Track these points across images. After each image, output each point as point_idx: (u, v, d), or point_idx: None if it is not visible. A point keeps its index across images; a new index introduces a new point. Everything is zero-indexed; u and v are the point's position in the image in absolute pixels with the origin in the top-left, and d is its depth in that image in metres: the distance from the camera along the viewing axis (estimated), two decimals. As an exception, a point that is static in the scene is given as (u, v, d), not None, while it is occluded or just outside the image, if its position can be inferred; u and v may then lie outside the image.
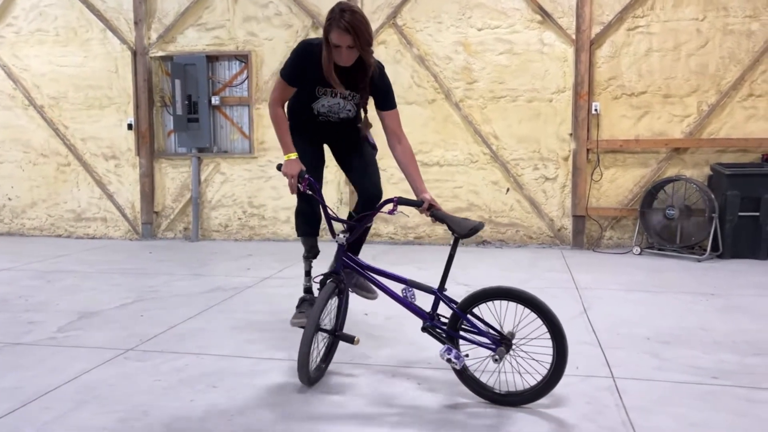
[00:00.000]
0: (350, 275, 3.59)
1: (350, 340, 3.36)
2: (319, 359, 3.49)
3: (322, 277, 3.49)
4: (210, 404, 3.15)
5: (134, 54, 8.52)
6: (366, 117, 3.72)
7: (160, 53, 8.53)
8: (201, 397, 3.23)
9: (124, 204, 8.78)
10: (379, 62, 3.48)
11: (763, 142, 7.15)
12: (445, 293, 3.23)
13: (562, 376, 2.99)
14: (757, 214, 6.77)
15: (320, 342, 3.50)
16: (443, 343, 3.15)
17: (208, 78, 8.39)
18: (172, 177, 8.65)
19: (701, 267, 6.48)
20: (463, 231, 3.08)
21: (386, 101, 3.49)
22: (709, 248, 6.85)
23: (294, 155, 3.43)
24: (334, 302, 3.49)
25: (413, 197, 3.39)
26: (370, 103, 3.62)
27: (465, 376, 3.16)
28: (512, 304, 3.10)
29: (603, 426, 2.86)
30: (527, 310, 3.05)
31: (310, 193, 3.46)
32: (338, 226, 3.53)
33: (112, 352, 3.92)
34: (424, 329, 3.25)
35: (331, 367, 3.62)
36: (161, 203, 8.72)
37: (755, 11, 7.13)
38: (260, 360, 3.78)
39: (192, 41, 8.45)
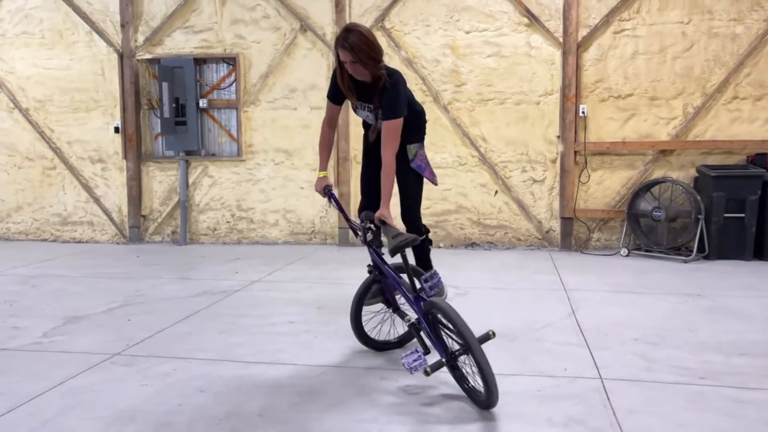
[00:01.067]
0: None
1: (402, 315, 3.63)
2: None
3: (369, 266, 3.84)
4: (197, 409, 3.13)
5: (121, 57, 8.47)
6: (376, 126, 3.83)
7: (147, 56, 8.48)
8: (188, 402, 3.21)
9: (111, 208, 8.72)
10: (395, 75, 3.55)
11: (748, 144, 7.22)
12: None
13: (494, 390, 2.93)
14: (743, 215, 6.83)
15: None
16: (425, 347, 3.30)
17: (195, 81, 8.36)
18: (160, 180, 8.60)
19: (688, 268, 6.53)
20: (389, 247, 3.23)
21: (384, 112, 3.52)
22: (695, 249, 6.91)
23: (322, 173, 3.89)
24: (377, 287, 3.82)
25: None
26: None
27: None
28: None
29: (590, 427, 2.87)
30: None
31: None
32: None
33: (99, 357, 3.89)
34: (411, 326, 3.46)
35: (320, 370, 3.61)
36: (149, 207, 8.67)
37: (740, 14, 7.21)
38: (248, 364, 3.76)
39: (179, 44, 8.41)
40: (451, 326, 3.08)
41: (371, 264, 3.83)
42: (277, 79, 8.25)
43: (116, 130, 8.53)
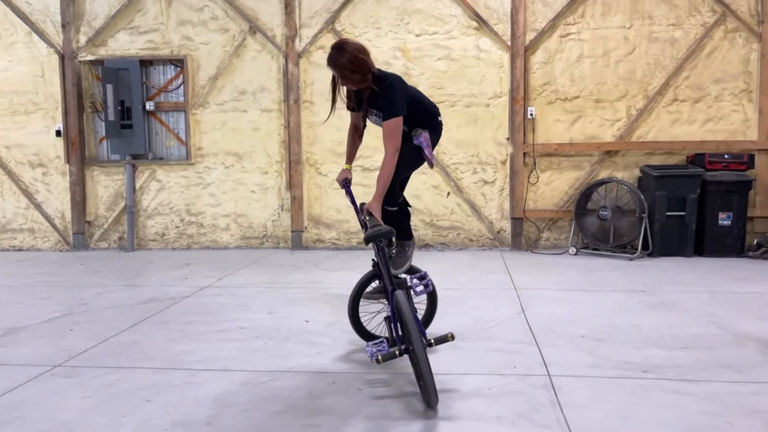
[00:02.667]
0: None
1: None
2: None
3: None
4: (143, 419, 3.04)
5: (62, 58, 8.20)
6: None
7: (90, 57, 8.24)
8: (133, 413, 3.12)
9: (53, 214, 8.43)
10: (389, 79, 3.63)
11: (687, 145, 7.48)
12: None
13: None
14: (683, 213, 7.08)
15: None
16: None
17: (141, 83, 8.16)
18: (105, 185, 8.36)
19: (633, 265, 6.72)
20: (365, 237, 3.33)
21: (383, 112, 3.64)
22: (639, 247, 7.12)
23: (345, 165, 4.12)
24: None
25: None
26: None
27: None
28: None
29: (538, 424, 2.91)
30: None
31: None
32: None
33: (39, 369, 3.74)
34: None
35: (270, 375, 3.57)
36: (94, 212, 8.41)
37: (678, 20, 7.47)
38: (197, 371, 3.68)
39: (124, 45, 8.20)
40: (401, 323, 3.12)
41: (374, 258, 3.87)
42: (227, 81, 8.13)
43: (58, 133, 8.26)
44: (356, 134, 4.20)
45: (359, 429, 2.90)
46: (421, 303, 3.93)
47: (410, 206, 4.13)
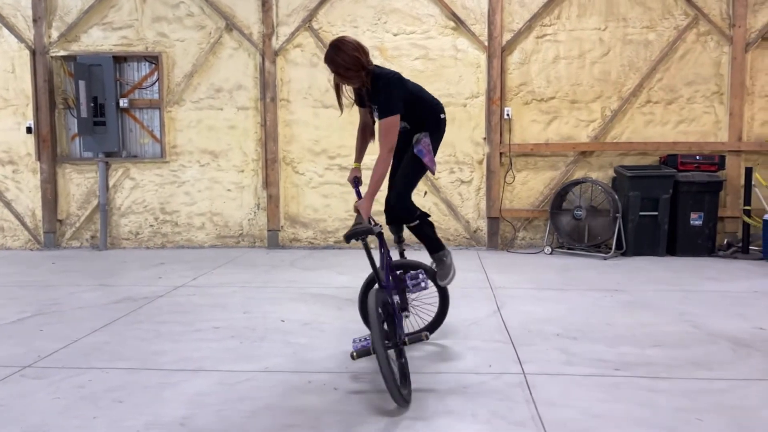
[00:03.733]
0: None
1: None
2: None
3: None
4: (114, 421, 2.99)
5: (33, 53, 8.04)
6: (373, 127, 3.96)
7: (62, 53, 8.09)
8: (105, 414, 3.07)
9: (23, 212, 8.26)
10: (385, 77, 3.62)
11: (660, 146, 7.60)
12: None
13: None
14: (656, 213, 7.18)
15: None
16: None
17: (115, 79, 8.04)
18: (78, 183, 8.21)
19: (607, 264, 6.80)
20: (344, 235, 3.34)
21: (380, 111, 3.61)
22: (613, 246, 7.21)
23: (355, 164, 4.00)
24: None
25: None
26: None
27: None
28: None
29: (513, 421, 2.93)
30: None
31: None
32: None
33: (7, 370, 3.66)
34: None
35: (245, 375, 3.54)
36: (65, 211, 8.26)
37: (652, 22, 7.58)
38: (170, 372, 3.64)
39: (97, 41, 8.06)
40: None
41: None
42: (202, 78, 8.05)
43: (29, 130, 8.09)
44: (366, 131, 4.10)
45: (335, 428, 2.89)
46: (426, 297, 3.94)
47: (429, 216, 4.09)
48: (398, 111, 3.58)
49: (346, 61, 3.53)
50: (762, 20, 7.44)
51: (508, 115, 7.71)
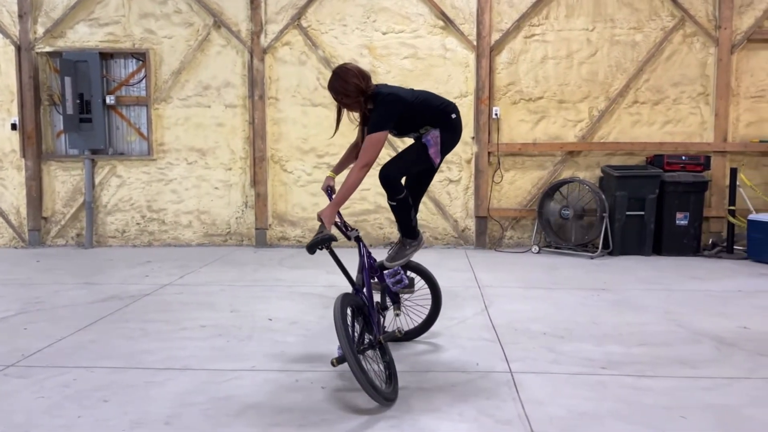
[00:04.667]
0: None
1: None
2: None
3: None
4: (99, 420, 2.97)
5: (18, 49, 7.95)
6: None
7: (48, 49, 8.01)
8: (89, 413, 3.04)
9: (7, 209, 8.17)
10: (380, 96, 3.65)
11: (647, 146, 7.65)
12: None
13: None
14: (642, 213, 7.23)
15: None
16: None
17: (102, 76, 7.97)
18: (63, 180, 8.14)
19: (594, 264, 6.85)
20: (306, 246, 3.28)
21: (369, 127, 3.62)
22: (600, 246, 7.26)
23: (330, 173, 4.06)
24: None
25: None
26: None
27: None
28: None
29: (500, 420, 2.94)
30: None
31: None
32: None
33: (-10, 370, 3.62)
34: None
35: (232, 374, 3.52)
36: (50, 208, 8.18)
37: (639, 23, 7.63)
38: (157, 371, 3.61)
39: (83, 37, 7.99)
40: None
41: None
42: (190, 75, 8.00)
43: (13, 126, 8.00)
44: (356, 150, 4.08)
45: (322, 427, 2.89)
46: (419, 298, 3.95)
47: (412, 204, 4.02)
48: (386, 128, 3.58)
49: (345, 88, 3.61)
50: (747, 22, 7.51)
51: (496, 114, 7.73)
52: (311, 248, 3.21)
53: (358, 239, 3.69)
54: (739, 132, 7.66)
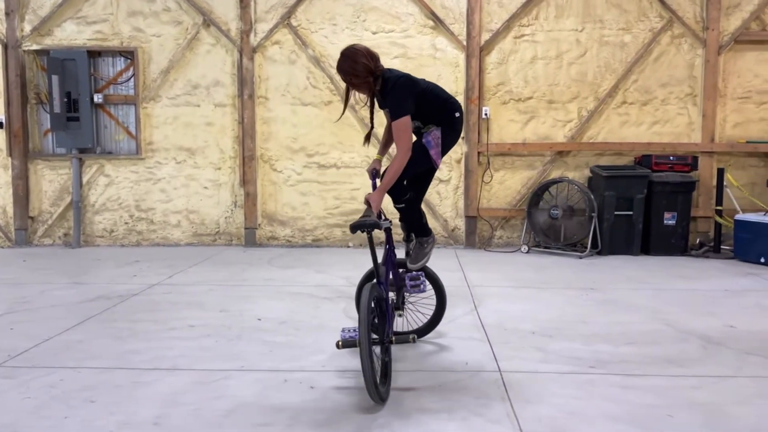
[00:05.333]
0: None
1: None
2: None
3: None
4: (86, 420, 2.94)
5: (5, 47, 7.88)
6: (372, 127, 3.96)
7: (35, 47, 7.94)
8: (76, 414, 3.02)
9: (-6, 209, 8.10)
10: (392, 79, 3.65)
11: (636, 146, 7.70)
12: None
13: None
14: (631, 213, 7.28)
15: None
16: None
17: (89, 74, 7.91)
18: (50, 179, 8.07)
19: (582, 263, 6.88)
20: (352, 225, 3.36)
21: (391, 114, 3.65)
22: (589, 245, 7.29)
23: (377, 156, 4.01)
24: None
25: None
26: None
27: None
28: None
29: (489, 419, 2.95)
30: None
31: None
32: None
33: (-25, 370, 3.58)
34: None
35: (221, 374, 3.51)
36: (37, 207, 8.11)
37: (627, 24, 7.67)
38: (144, 371, 3.59)
39: (71, 35, 7.93)
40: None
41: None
42: (179, 74, 7.96)
43: (0, 125, 7.92)
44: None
45: (311, 427, 2.88)
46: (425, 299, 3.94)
47: (417, 203, 4.04)
48: (408, 112, 3.59)
49: (354, 68, 3.63)
50: (735, 23, 7.57)
51: (486, 114, 7.75)
52: (354, 228, 3.29)
53: (387, 231, 3.73)
54: (726, 133, 7.72)
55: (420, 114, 3.74)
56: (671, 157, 7.47)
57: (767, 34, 7.56)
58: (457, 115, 3.82)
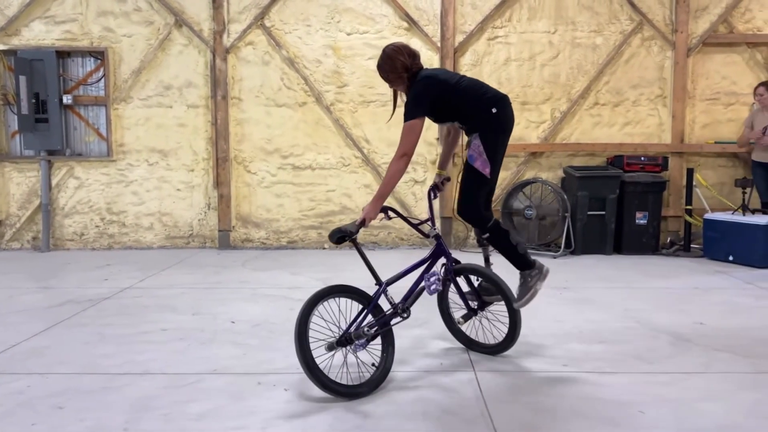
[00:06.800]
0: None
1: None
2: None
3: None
4: (54, 427, 2.88)
5: (-30, 46, 7.70)
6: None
7: (2, 47, 7.76)
8: (44, 420, 2.96)
9: (-40, 212, 7.90)
10: (415, 79, 3.60)
11: (608, 147, 7.80)
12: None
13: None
14: (603, 213, 7.37)
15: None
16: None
17: (58, 75, 7.76)
18: (18, 182, 7.90)
19: (556, 263, 6.94)
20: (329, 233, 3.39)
21: (404, 116, 3.56)
22: (563, 245, 7.36)
23: (438, 171, 4.19)
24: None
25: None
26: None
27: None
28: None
29: (464, 419, 2.95)
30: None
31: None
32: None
33: (-62, 378, 3.49)
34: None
35: (193, 378, 3.46)
36: (5, 211, 7.93)
37: (599, 26, 7.77)
38: (115, 376, 3.53)
39: (39, 35, 7.78)
40: None
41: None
42: (151, 75, 7.85)
43: (-35, 126, 7.75)
44: (448, 135, 4.05)
45: (284, 429, 2.86)
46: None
47: (498, 225, 3.85)
48: (420, 114, 3.48)
49: (388, 64, 3.62)
50: (703, 26, 7.72)
51: (460, 115, 7.77)
52: (330, 237, 3.31)
53: (437, 237, 3.80)
54: (695, 133, 7.87)
55: (455, 113, 3.61)
56: (642, 158, 7.58)
57: (734, 37, 7.72)
58: (494, 110, 3.52)
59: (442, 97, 3.54)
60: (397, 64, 3.60)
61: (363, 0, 7.77)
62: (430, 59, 7.81)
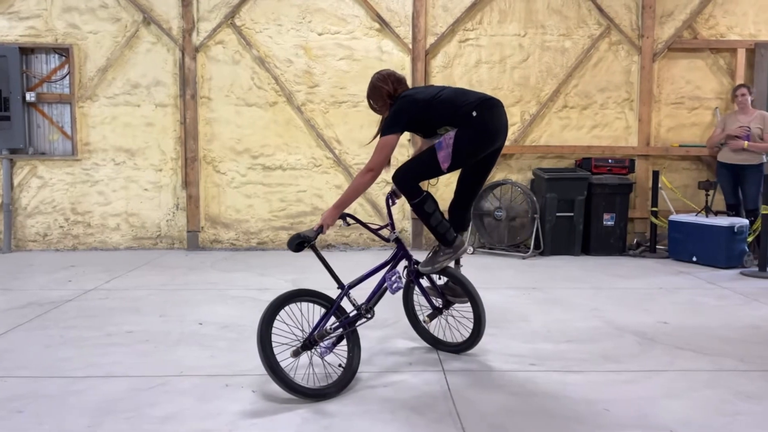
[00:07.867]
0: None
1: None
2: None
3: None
4: (13, 431, 2.81)
5: (-72, 41, 7.48)
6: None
7: (-38, 42, 7.56)
8: (3, 425, 2.87)
9: None
10: (396, 100, 3.65)
11: (576, 149, 7.90)
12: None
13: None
14: (572, 214, 7.46)
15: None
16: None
17: (21, 72, 7.58)
18: (-21, 181, 7.69)
19: (525, 264, 7.01)
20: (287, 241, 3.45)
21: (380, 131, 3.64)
22: (532, 246, 7.44)
23: None
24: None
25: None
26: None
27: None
28: None
29: (431, 419, 2.95)
30: None
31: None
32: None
33: None
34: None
35: (158, 380, 3.40)
36: (-35, 211, 7.71)
37: (568, 30, 7.88)
38: (77, 379, 3.45)
39: (2, 31, 7.59)
40: None
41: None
42: (118, 73, 7.72)
43: (-77, 124, 7.51)
44: (422, 148, 4.06)
45: (252, 430, 2.82)
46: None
47: (424, 203, 3.89)
48: (395, 131, 3.54)
49: (375, 94, 3.71)
50: (668, 32, 7.87)
51: (431, 117, 7.80)
52: (289, 243, 3.35)
53: (397, 241, 3.89)
54: (660, 136, 8.02)
55: (432, 126, 3.65)
56: (610, 160, 7.70)
57: (698, 43, 7.89)
58: (474, 114, 3.50)
59: (418, 117, 3.62)
60: (382, 93, 3.69)
61: (334, 0, 7.76)
62: (401, 61, 7.83)
